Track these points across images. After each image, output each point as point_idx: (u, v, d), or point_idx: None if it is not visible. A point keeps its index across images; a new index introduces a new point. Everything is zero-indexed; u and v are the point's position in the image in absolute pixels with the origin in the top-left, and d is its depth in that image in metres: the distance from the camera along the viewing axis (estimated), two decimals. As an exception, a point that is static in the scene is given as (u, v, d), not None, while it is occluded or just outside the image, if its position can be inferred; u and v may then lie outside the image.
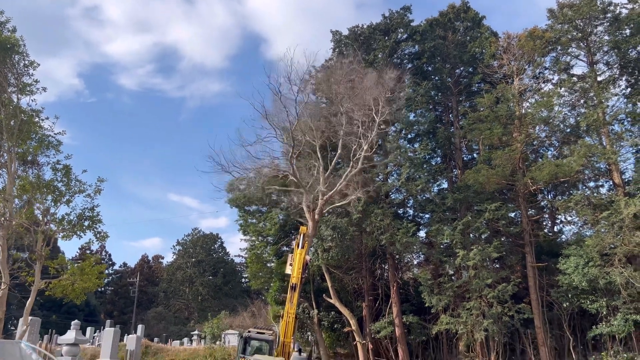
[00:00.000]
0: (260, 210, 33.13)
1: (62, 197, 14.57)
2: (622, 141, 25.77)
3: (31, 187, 14.09)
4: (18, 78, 15.04)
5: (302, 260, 17.79)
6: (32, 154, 15.32)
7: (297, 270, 17.35)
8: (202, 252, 75.08)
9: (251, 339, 17.05)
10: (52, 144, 15.57)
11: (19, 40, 15.23)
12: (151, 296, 73.92)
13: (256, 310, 47.70)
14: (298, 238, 18.94)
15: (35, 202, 14.56)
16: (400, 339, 27.11)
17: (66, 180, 14.72)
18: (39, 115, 15.45)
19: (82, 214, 14.84)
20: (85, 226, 14.77)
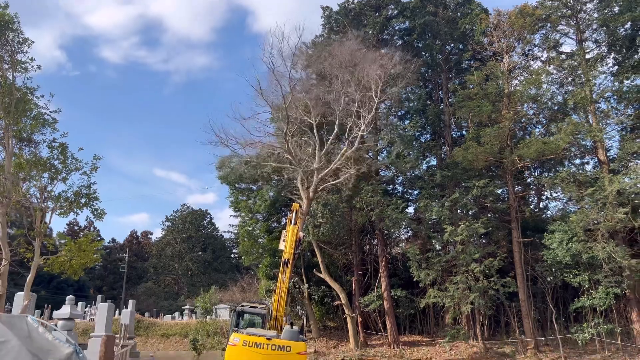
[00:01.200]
0: (251, 187, 33.28)
1: (58, 174, 14.59)
2: (608, 119, 26.16)
3: (27, 165, 14.08)
4: (12, 56, 14.83)
5: (295, 237, 17.99)
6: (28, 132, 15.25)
7: (290, 246, 17.54)
8: (192, 228, 75.37)
9: (244, 313, 17.15)
10: (48, 122, 15.47)
11: (14, 18, 14.99)
12: (140, 272, 74.29)
13: (246, 285, 48.12)
14: (291, 215, 19.07)
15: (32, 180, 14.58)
16: (389, 312, 27.76)
17: (62, 158, 14.72)
18: (34, 93, 15.38)
19: (79, 192, 14.91)
20: (82, 203, 14.86)
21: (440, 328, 29.33)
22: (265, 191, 31.67)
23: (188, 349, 27.49)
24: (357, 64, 25.88)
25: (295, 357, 13.92)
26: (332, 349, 27.23)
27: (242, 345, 14.28)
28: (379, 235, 29.50)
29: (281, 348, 14.01)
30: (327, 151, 24.95)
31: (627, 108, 26.03)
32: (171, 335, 32.60)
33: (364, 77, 25.16)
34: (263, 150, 26.88)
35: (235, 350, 14.34)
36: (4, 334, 5.90)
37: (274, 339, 14.29)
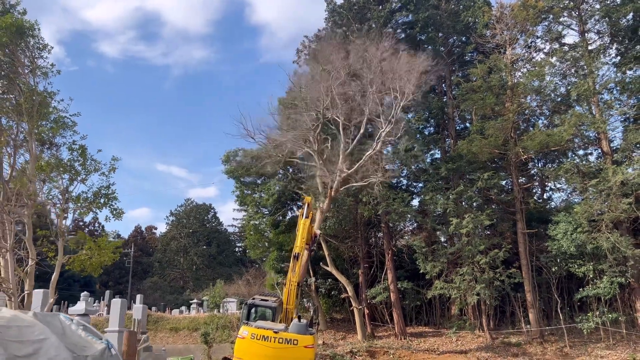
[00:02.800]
0: (257, 181, 33.53)
1: (78, 175, 14.92)
2: (611, 110, 26.29)
3: (48, 167, 14.43)
4: (33, 61, 15.18)
5: (307, 230, 18.20)
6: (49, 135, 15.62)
7: (301, 240, 17.79)
8: (196, 222, 75.81)
9: (255, 306, 17.30)
10: (68, 125, 15.85)
11: (34, 25, 15.33)
12: (146, 266, 74.81)
13: (251, 279, 48.57)
14: (303, 208, 19.32)
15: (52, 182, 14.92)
16: (395, 303, 28.11)
17: (82, 160, 15.05)
18: (54, 97, 15.74)
19: (99, 192, 15.27)
20: (101, 203, 15.21)
21: (447, 319, 29.71)
22: (272, 185, 31.93)
23: (198, 342, 27.90)
24: (383, 60, 25.71)
25: (303, 350, 14.10)
26: (339, 340, 27.61)
27: (251, 338, 14.57)
28: (384, 228, 29.80)
29: (288, 341, 14.23)
30: (351, 151, 24.88)
31: (630, 99, 26.16)
32: (180, 329, 33.02)
33: (389, 78, 25.02)
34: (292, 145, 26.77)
35: (244, 343, 14.66)
36: (43, 332, 6.13)
37: (281, 332, 14.50)
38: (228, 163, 33.39)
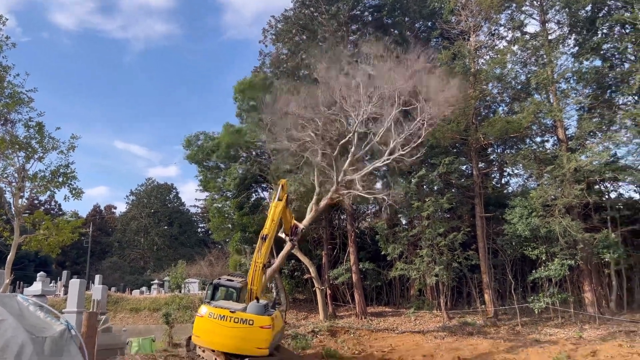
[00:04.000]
0: (219, 165, 33.17)
1: (34, 153, 14.36)
2: (567, 99, 27.23)
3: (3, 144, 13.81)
4: (-15, 35, 14.38)
5: (278, 214, 18.10)
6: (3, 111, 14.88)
7: (270, 222, 17.70)
8: (157, 202, 74.63)
9: (220, 286, 17.37)
10: (24, 101, 15.12)
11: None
12: (105, 246, 73.27)
13: (214, 260, 48.42)
14: (276, 190, 19.29)
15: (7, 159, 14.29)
16: (357, 284, 28.65)
17: (39, 137, 14.47)
18: (9, 71, 14.96)
19: (57, 171, 14.75)
20: (59, 182, 14.71)
21: (406, 299, 30.56)
22: (234, 169, 31.65)
23: (159, 323, 27.68)
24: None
25: (258, 330, 14.20)
26: (302, 320, 27.97)
27: (208, 317, 14.75)
28: (348, 211, 30.13)
29: (244, 321, 14.32)
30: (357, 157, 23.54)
31: (586, 88, 27.13)
32: (141, 310, 32.67)
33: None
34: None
35: (202, 322, 14.85)
36: (0, 313, 6.00)
37: (238, 312, 14.60)
38: (189, 148, 32.91)
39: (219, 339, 14.62)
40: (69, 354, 5.84)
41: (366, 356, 20.35)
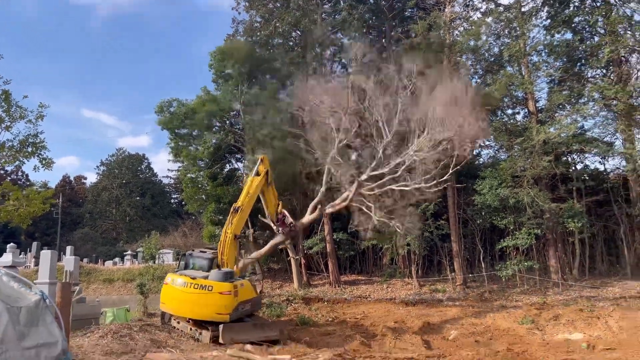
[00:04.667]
0: (192, 133, 32.70)
1: (1, 122, 13.87)
2: (538, 71, 27.65)
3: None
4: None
5: (254, 188, 17.97)
6: (-33, 79, 14.24)
7: (245, 196, 17.68)
8: (129, 172, 73.40)
9: (192, 257, 17.65)
10: (-12, 68, 14.57)
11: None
12: (75, 217, 72.05)
13: (187, 231, 48.25)
14: (252, 163, 19.10)
15: (-28, 129, 13.83)
16: (331, 254, 29.08)
17: (6, 106, 13.95)
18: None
19: (26, 140, 14.30)
20: (28, 152, 14.29)
21: (379, 268, 31.24)
22: (208, 138, 31.29)
23: (133, 293, 27.68)
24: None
25: (217, 296, 14.58)
26: (276, 289, 28.36)
27: (172, 284, 15.47)
28: (322, 182, 30.24)
29: (204, 287, 14.78)
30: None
31: (557, 61, 27.58)
32: (114, 280, 32.56)
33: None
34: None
35: (167, 289, 15.60)
36: (-27, 284, 5.96)
37: (198, 279, 15.10)
38: (162, 114, 32.26)
39: (181, 305, 15.25)
40: (45, 324, 5.86)
41: (339, 323, 20.87)
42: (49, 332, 5.67)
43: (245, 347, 12.88)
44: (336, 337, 17.50)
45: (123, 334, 13.34)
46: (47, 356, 5.43)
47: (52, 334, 5.64)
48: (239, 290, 15.24)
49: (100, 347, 11.67)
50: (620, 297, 21.30)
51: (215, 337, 14.41)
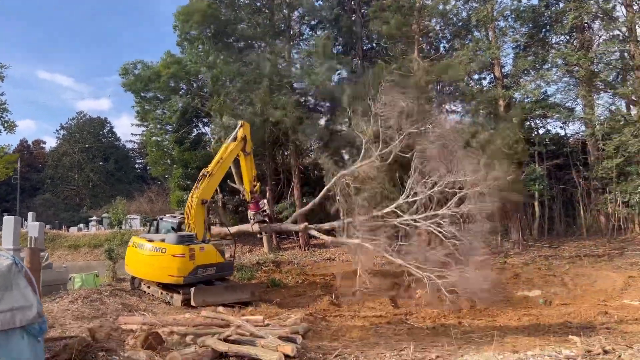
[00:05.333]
0: (158, 96, 31.89)
1: (-42, 84, 13.18)
2: (505, 37, 27.99)
3: None
4: None
5: (228, 154, 17.62)
6: None
7: (216, 162, 17.37)
8: (90, 137, 71.19)
9: (162, 221, 17.91)
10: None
11: None
12: (36, 183, 69.84)
13: (154, 196, 47.63)
14: (235, 130, 18.55)
15: None
16: (301, 218, 29.30)
17: (-37, 67, 13.23)
18: None
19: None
20: (-12, 115, 13.67)
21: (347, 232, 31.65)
22: (174, 101, 30.61)
23: (100, 259, 27.46)
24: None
25: (170, 259, 14.78)
26: (246, 253, 28.58)
27: (133, 246, 16.04)
28: (292, 147, 30.26)
29: (158, 249, 15.07)
30: None
31: (523, 27, 27.93)
32: (80, 246, 32.13)
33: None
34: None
35: (129, 251, 16.22)
36: (-59, 250, 5.84)
37: (155, 241, 15.41)
38: (126, 76, 31.26)
39: (140, 266, 15.67)
40: (19, 288, 5.81)
41: (309, 284, 21.30)
42: (23, 296, 5.63)
43: (217, 309, 13.06)
44: (307, 297, 17.91)
45: (93, 299, 13.33)
46: (22, 319, 5.42)
47: (26, 298, 5.61)
48: (196, 253, 15.28)
49: (71, 311, 11.65)
50: (576, 255, 22.43)
51: (187, 300, 14.54)
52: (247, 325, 8.25)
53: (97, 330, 9.07)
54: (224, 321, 9.50)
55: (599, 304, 15.32)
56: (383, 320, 13.01)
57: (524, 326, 12.26)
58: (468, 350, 8.34)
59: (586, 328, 11.28)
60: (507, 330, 11.66)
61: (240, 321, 8.75)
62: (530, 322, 13.00)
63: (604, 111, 27.15)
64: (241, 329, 7.99)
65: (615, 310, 13.93)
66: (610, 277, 18.26)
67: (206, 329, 8.93)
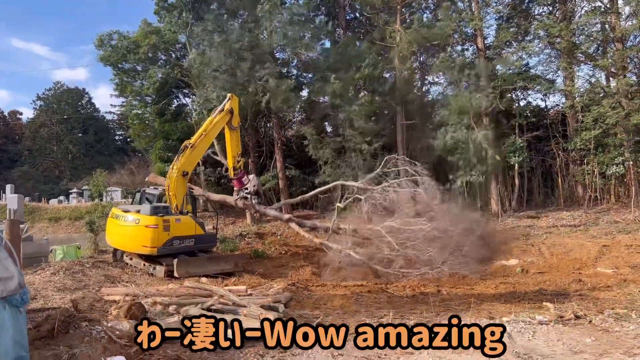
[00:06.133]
0: (136, 68, 31.19)
1: None
2: (488, 8, 27.88)
3: None
4: None
5: (214, 127, 17.32)
6: None
7: (199, 134, 17.06)
8: (69, 108, 69.75)
9: (145, 193, 18.09)
10: None
11: None
12: (13, 155, 68.54)
13: (135, 168, 47.07)
14: (223, 103, 18.18)
15: None
16: (284, 190, 29.46)
17: None
18: None
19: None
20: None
21: (331, 203, 31.86)
22: (153, 72, 29.99)
23: (81, 231, 27.26)
24: None
25: (143, 229, 14.82)
26: (229, 225, 28.62)
27: (111, 217, 16.26)
28: (274, 118, 30.08)
29: (132, 220, 15.20)
30: None
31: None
32: (61, 219, 31.84)
33: None
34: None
35: (109, 222, 16.44)
36: None
37: (131, 212, 15.55)
38: (102, 47, 30.45)
39: (115, 237, 15.93)
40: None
41: (292, 255, 21.54)
42: (4, 267, 5.61)
43: (200, 280, 13.18)
44: (289, 268, 18.10)
45: (75, 271, 13.30)
46: (4, 290, 5.42)
47: (7, 269, 5.59)
48: (171, 225, 15.26)
49: (53, 283, 11.64)
50: (553, 226, 22.96)
51: (170, 271, 14.60)
52: (230, 295, 8.37)
53: (79, 301, 9.12)
54: (207, 291, 9.61)
55: (573, 272, 15.78)
56: (364, 290, 13.24)
57: (500, 294, 12.59)
58: (445, 317, 8.60)
59: (560, 295, 11.63)
60: (485, 298, 11.98)
61: (223, 291, 8.87)
62: (507, 290, 13.36)
63: (584, 83, 27.45)
64: (224, 299, 8.11)
65: (589, 278, 14.37)
66: (586, 246, 18.77)
67: (189, 299, 9.03)
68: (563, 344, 6.49)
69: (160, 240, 14.92)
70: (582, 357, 5.87)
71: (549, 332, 7.01)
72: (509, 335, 6.75)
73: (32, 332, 6.84)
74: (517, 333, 6.96)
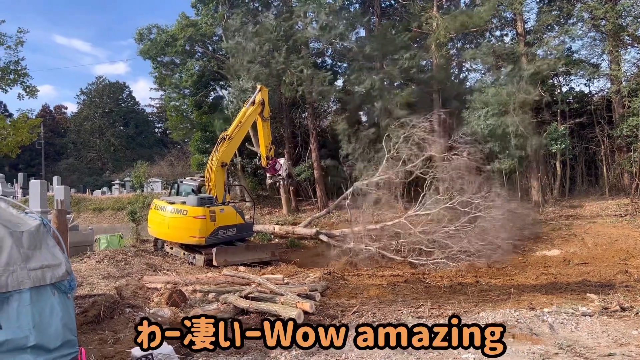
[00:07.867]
0: (175, 61, 31.76)
1: (-22, 49, 13.27)
2: (528, -10, 26.91)
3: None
4: None
5: (247, 119, 17.62)
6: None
7: (235, 126, 17.42)
8: (110, 102, 71.88)
9: (182, 184, 18.40)
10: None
11: None
12: (59, 148, 71.26)
13: (174, 160, 48.13)
14: (254, 95, 18.50)
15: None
16: (319, 180, 29.50)
17: (-18, 32, 13.32)
18: None
19: (7, 68, 13.75)
20: (10, 80, 13.78)
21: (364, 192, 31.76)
22: (191, 65, 30.49)
23: (123, 221, 28.17)
24: None
25: (191, 220, 15.14)
26: (266, 215, 28.95)
27: (154, 209, 16.47)
28: (309, 109, 30.11)
29: (179, 211, 15.43)
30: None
31: (548, -21, 26.81)
32: (104, 209, 32.93)
33: None
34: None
35: (152, 213, 16.64)
36: (-27, 211, 6.05)
37: (176, 204, 15.79)
38: (142, 42, 31.12)
39: (162, 228, 16.12)
40: (47, 247, 6.03)
41: (327, 244, 21.55)
42: (52, 254, 5.87)
43: (238, 269, 13.41)
44: (325, 258, 18.18)
45: (119, 259, 13.77)
46: (52, 276, 5.67)
47: (55, 257, 5.85)
48: (216, 215, 15.65)
49: (98, 271, 12.09)
50: (597, 215, 22.20)
51: (209, 260, 14.97)
52: (267, 283, 8.48)
53: (123, 289, 9.45)
54: (245, 279, 9.77)
55: (619, 263, 15.26)
56: (400, 280, 13.18)
57: (541, 285, 12.31)
58: (484, 307, 8.47)
59: (605, 286, 11.28)
60: (525, 288, 11.74)
61: (260, 279, 8.99)
62: (548, 280, 13.05)
63: (630, 67, 26.22)
64: (262, 287, 8.22)
65: (635, 269, 13.88)
66: (632, 236, 18.10)
67: (228, 287, 9.22)
68: (608, 335, 6.29)
69: (207, 230, 15.33)
70: (628, 349, 5.68)
71: (592, 324, 6.81)
72: (551, 326, 6.60)
73: (80, 317, 7.14)
74: (560, 324, 6.79)
